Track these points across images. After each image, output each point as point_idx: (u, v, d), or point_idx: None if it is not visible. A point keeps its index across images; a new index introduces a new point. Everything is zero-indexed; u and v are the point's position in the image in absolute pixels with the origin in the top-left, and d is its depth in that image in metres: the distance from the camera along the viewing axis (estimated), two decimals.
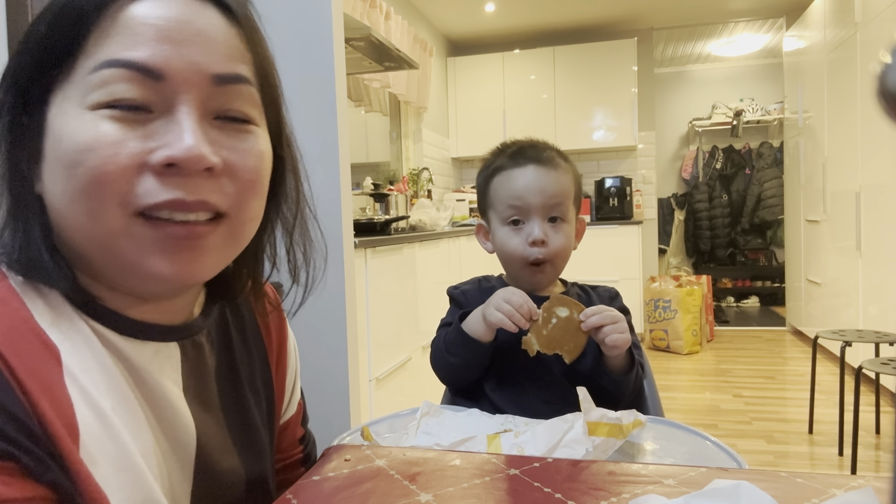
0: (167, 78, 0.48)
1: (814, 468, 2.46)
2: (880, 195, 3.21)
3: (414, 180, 4.42)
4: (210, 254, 0.52)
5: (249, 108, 0.53)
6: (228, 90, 0.51)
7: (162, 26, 0.48)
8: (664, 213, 6.58)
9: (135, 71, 0.47)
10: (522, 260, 1.01)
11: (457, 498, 0.54)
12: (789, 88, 4.98)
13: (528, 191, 1.00)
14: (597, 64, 5.22)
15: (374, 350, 2.22)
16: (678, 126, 6.91)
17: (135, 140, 0.47)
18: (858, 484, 0.54)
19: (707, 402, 3.34)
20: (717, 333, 5.10)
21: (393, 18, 3.95)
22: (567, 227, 1.01)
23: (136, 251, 0.49)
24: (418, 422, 0.79)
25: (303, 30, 1.71)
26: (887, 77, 0.26)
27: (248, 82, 0.53)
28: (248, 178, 0.52)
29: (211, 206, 0.50)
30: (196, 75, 0.49)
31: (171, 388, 0.56)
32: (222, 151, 0.50)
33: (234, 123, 0.52)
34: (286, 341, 0.72)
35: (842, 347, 2.53)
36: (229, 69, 0.51)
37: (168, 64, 0.48)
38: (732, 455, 0.69)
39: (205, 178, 0.49)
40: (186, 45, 0.49)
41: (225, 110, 0.51)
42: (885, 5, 3.09)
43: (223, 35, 0.51)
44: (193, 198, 0.48)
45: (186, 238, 0.49)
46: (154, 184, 0.47)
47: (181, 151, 0.47)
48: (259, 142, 0.54)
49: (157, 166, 0.47)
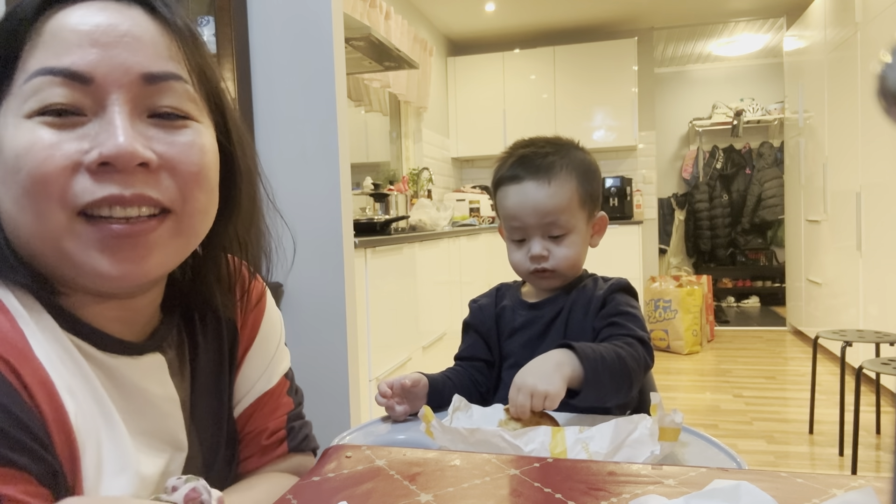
0: (96, 81, 0.49)
1: (814, 468, 2.46)
2: (881, 195, 3.21)
3: (414, 180, 4.42)
4: (156, 250, 0.52)
5: (185, 103, 0.53)
6: (160, 87, 0.52)
7: (88, 31, 0.49)
8: (664, 213, 6.57)
9: (64, 77, 0.48)
10: (527, 271, 1.01)
11: (457, 498, 0.54)
12: (790, 88, 4.98)
13: (523, 211, 0.98)
14: (597, 64, 5.22)
15: (374, 350, 2.22)
16: (678, 126, 6.91)
17: (69, 142, 0.48)
18: (859, 484, 0.54)
19: (707, 403, 3.34)
20: (718, 333, 5.10)
21: (393, 18, 3.95)
22: (572, 237, 0.99)
23: (81, 250, 0.49)
24: (451, 417, 0.78)
25: (303, 30, 1.71)
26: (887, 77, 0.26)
27: (180, 79, 0.53)
28: (189, 170, 0.53)
29: (151, 200, 0.50)
30: (125, 76, 0.50)
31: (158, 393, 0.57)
32: (159, 146, 0.51)
33: (171, 120, 0.53)
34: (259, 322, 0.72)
35: (842, 347, 2.53)
36: (159, 67, 0.52)
37: (96, 67, 0.49)
38: (732, 455, 0.68)
39: (141, 173, 0.50)
40: (114, 47, 0.50)
41: (158, 107, 0.52)
42: (885, 5, 3.09)
43: (151, 35, 0.52)
44: (130, 192, 0.49)
45: (128, 236, 0.50)
46: (90, 182, 0.48)
47: (112, 149, 0.48)
48: (200, 136, 0.54)
49: (91, 166, 0.48)
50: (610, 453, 0.66)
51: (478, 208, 4.69)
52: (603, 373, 0.84)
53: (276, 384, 0.72)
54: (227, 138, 0.59)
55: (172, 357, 0.61)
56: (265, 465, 0.70)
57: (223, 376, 0.67)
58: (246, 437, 0.70)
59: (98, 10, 0.51)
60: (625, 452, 0.66)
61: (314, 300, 1.72)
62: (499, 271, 4.13)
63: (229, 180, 0.60)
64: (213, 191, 0.56)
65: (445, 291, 3.25)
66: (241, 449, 0.70)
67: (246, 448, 0.70)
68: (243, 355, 0.70)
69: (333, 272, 1.73)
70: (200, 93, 0.55)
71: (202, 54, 0.56)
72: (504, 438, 0.67)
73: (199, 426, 0.64)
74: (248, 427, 0.70)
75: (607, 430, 0.68)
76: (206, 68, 0.57)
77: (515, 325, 1.01)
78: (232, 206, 0.60)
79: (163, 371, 0.59)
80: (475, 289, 3.37)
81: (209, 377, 0.66)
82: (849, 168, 3.63)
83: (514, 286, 1.09)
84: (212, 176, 0.55)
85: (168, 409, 0.58)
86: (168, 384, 0.59)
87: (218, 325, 0.67)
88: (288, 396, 0.73)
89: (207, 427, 0.65)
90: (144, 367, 0.56)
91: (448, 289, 3.30)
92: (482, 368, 1.02)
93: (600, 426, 0.69)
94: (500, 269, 4.24)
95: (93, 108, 0.49)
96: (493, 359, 1.03)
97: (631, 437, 0.66)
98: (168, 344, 0.61)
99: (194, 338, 0.65)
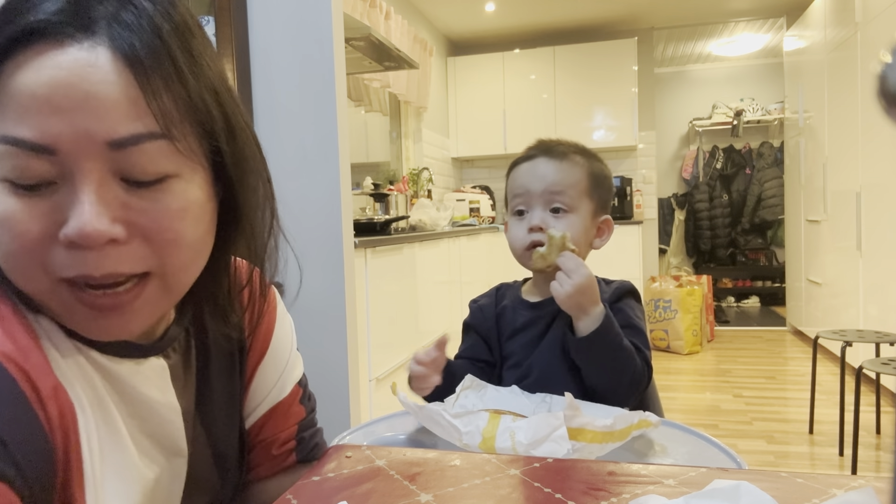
0: (60, 152, 0.46)
1: (814, 468, 2.46)
2: (881, 195, 3.21)
3: (414, 180, 4.42)
4: (140, 313, 0.51)
5: (160, 162, 0.49)
6: (129, 152, 0.47)
7: (46, 95, 0.45)
8: (664, 213, 6.57)
9: (26, 149, 0.45)
10: (522, 246, 1.00)
11: (457, 498, 0.54)
12: (789, 88, 4.98)
13: (529, 179, 1.00)
14: (597, 64, 5.22)
15: (374, 350, 2.22)
16: (678, 126, 6.90)
17: (42, 216, 0.46)
18: (859, 484, 0.54)
19: (707, 403, 3.34)
20: (718, 333, 5.10)
21: (393, 18, 3.95)
22: (573, 217, 0.99)
23: (65, 313, 0.49)
24: (457, 395, 0.82)
25: (303, 30, 1.71)
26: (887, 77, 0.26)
27: (152, 137, 0.48)
28: (164, 238, 0.50)
29: (122, 276, 0.48)
30: (90, 144, 0.46)
31: (159, 399, 0.57)
32: (131, 215, 0.48)
33: (146, 185, 0.49)
34: (272, 332, 0.72)
35: (842, 347, 2.53)
36: (125, 131, 0.46)
37: (58, 138, 0.45)
38: (732, 455, 0.69)
39: (112, 248, 0.47)
40: (75, 112, 0.45)
41: (129, 175, 0.48)
42: (885, 5, 3.09)
43: (116, 91, 0.46)
44: (100, 272, 0.47)
45: (111, 308, 0.49)
46: (65, 257, 0.47)
47: (75, 230, 0.45)
48: (180, 196, 0.50)
49: (64, 243, 0.46)
50: (532, 445, 0.67)
51: (478, 208, 4.70)
52: (613, 339, 0.91)
53: (288, 393, 0.72)
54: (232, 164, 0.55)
55: (176, 362, 0.61)
56: (275, 474, 0.70)
57: (234, 383, 0.67)
58: (258, 446, 0.70)
59: (56, 61, 0.45)
60: (547, 446, 0.67)
61: (314, 300, 1.72)
62: (499, 271, 4.13)
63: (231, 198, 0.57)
64: (198, 243, 0.53)
65: (445, 291, 3.25)
66: (253, 457, 0.70)
67: (257, 457, 0.70)
68: (256, 364, 0.70)
69: (333, 272, 1.73)
70: (185, 133, 0.50)
71: (183, 85, 0.49)
72: (444, 417, 0.71)
73: (210, 433, 0.64)
74: (261, 436, 0.70)
75: (534, 423, 0.70)
76: (190, 102, 0.50)
77: (517, 325, 1.01)
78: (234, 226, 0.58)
79: (164, 376, 0.58)
80: (475, 289, 3.37)
81: (220, 384, 0.65)
82: (849, 168, 3.63)
83: (515, 286, 1.09)
84: (193, 233, 0.52)
85: (167, 414, 0.58)
86: (168, 389, 0.58)
87: (229, 332, 0.67)
88: (300, 405, 0.73)
89: (218, 434, 0.65)
90: (145, 372, 0.56)
91: (448, 289, 3.30)
92: (483, 369, 1.02)
93: (530, 418, 0.71)
94: (500, 269, 4.25)
95: (62, 175, 0.47)
96: (494, 359, 1.03)
97: (556, 432, 0.67)
98: (174, 349, 0.61)
99: (205, 343, 0.64)
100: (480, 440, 0.69)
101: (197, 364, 0.64)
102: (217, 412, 0.65)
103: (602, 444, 0.68)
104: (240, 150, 0.55)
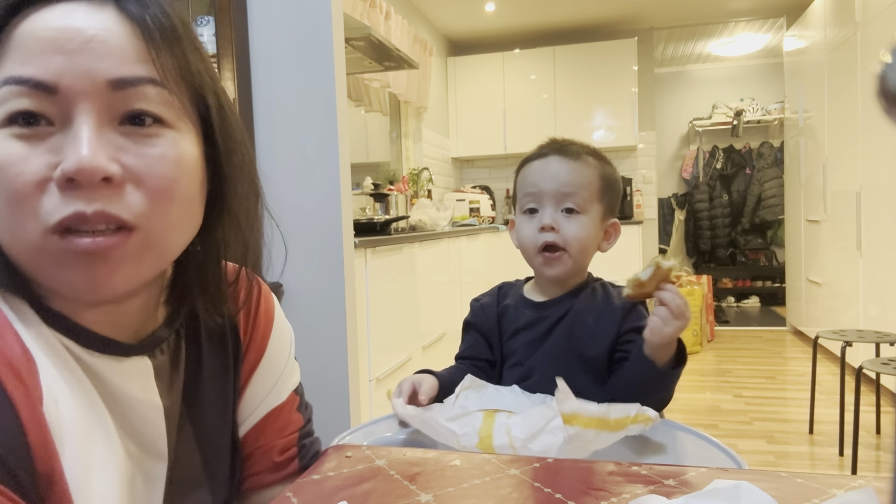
0: (61, 90, 0.47)
1: (814, 468, 2.46)
2: (881, 195, 3.21)
3: (414, 180, 4.42)
4: (122, 267, 0.50)
5: (158, 108, 0.51)
6: (129, 93, 0.49)
7: (53, 38, 0.47)
8: (664, 213, 6.57)
9: (28, 87, 0.47)
10: (534, 247, 0.99)
11: (457, 498, 0.54)
12: (789, 88, 4.98)
13: (542, 178, 0.99)
14: (597, 64, 5.22)
15: (374, 350, 2.23)
16: (678, 126, 6.91)
17: (39, 156, 0.47)
18: (859, 484, 0.54)
19: (707, 403, 3.34)
20: (718, 333, 5.10)
21: (393, 18, 3.95)
22: (584, 218, 0.98)
23: (52, 265, 0.49)
24: (457, 395, 0.81)
25: (303, 30, 1.72)
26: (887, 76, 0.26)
27: (153, 82, 0.50)
28: (157, 185, 0.50)
29: (112, 217, 0.48)
30: (90, 83, 0.48)
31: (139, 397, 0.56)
32: (127, 158, 0.49)
33: (143, 128, 0.50)
34: (268, 336, 0.71)
35: (842, 347, 2.53)
36: (128, 72, 0.49)
37: (60, 76, 0.47)
38: (732, 455, 0.69)
39: (104, 188, 0.48)
40: (79, 53, 0.48)
41: (128, 113, 0.50)
42: (885, 5, 3.09)
43: (119, 37, 0.49)
44: (92, 209, 0.47)
45: (93, 252, 0.48)
46: (58, 199, 0.47)
47: (72, 164, 0.46)
48: (175, 145, 0.52)
49: (58, 182, 0.47)
50: (529, 438, 0.68)
51: (478, 208, 4.70)
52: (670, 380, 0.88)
53: (285, 400, 0.71)
54: (221, 139, 0.56)
55: (163, 362, 0.60)
56: (278, 481, 0.70)
57: (227, 386, 0.67)
58: (256, 453, 0.70)
59: (66, 12, 0.49)
60: (544, 438, 0.67)
61: (314, 300, 1.73)
62: (499, 271, 4.14)
63: (217, 184, 0.57)
64: (189, 202, 0.53)
65: (445, 291, 3.25)
66: (251, 465, 0.70)
67: (256, 464, 0.70)
68: (252, 369, 0.69)
69: (333, 272, 1.73)
70: (181, 95, 0.52)
71: (183, 53, 0.52)
72: (438, 422, 0.71)
73: (199, 433, 0.63)
74: (259, 442, 0.69)
75: (528, 417, 0.70)
76: (193, 69, 0.53)
77: (519, 324, 1.01)
78: (219, 210, 0.58)
79: (147, 375, 0.57)
80: (475, 289, 3.37)
81: (212, 384, 0.65)
82: (849, 168, 3.63)
83: (517, 285, 1.08)
84: (186, 187, 0.52)
85: (147, 412, 0.57)
86: (151, 387, 0.57)
87: (223, 335, 0.66)
88: (298, 413, 0.73)
89: (208, 435, 0.64)
90: (126, 370, 0.55)
91: (448, 289, 3.30)
92: (484, 368, 1.02)
93: (525, 413, 0.71)
94: (501, 269, 4.25)
95: (60, 117, 0.48)
96: (495, 358, 1.03)
97: (552, 423, 0.68)
98: (161, 350, 0.60)
99: (198, 345, 0.64)
100: (477, 440, 0.69)
101: (187, 364, 0.63)
102: (207, 412, 0.64)
103: (598, 430, 0.68)
104: (228, 126, 0.58)
